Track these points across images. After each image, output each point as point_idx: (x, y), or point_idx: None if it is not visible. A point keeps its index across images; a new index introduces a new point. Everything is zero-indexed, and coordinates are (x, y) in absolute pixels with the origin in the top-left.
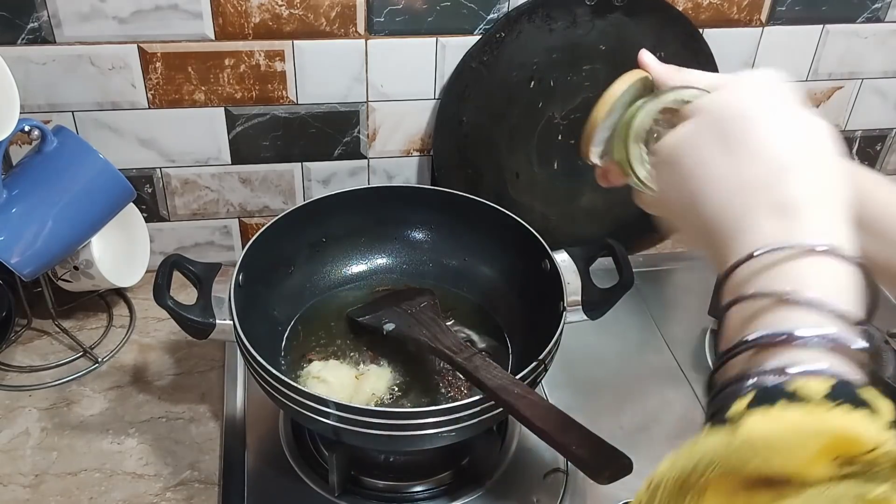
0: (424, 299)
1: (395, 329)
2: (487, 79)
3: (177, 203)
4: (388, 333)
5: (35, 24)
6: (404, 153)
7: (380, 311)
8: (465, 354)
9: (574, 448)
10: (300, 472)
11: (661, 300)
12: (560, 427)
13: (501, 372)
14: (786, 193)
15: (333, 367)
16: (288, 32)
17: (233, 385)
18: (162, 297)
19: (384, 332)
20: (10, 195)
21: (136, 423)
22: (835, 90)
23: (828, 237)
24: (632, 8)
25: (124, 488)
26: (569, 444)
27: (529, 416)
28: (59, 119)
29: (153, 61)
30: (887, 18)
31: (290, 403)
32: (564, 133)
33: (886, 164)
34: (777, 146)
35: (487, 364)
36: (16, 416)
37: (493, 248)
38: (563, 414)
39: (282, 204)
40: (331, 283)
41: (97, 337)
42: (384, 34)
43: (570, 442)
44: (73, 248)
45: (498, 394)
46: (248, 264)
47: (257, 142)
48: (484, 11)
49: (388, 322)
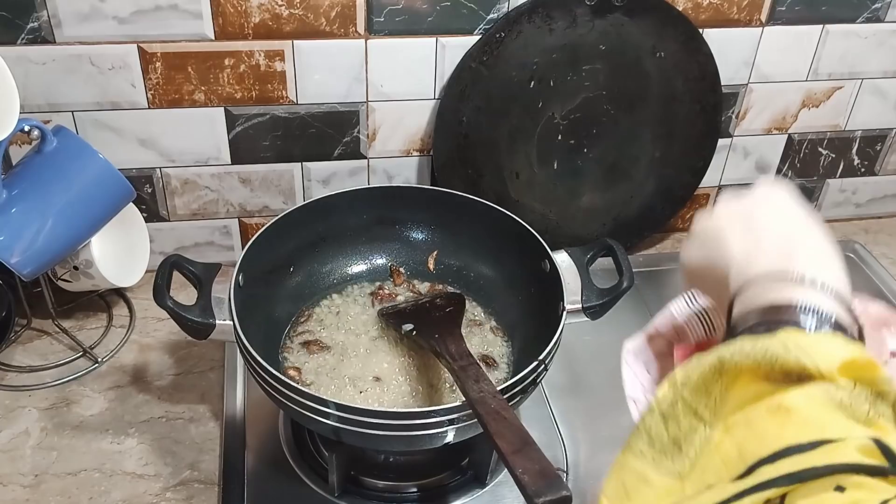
0: (452, 304)
1: (412, 329)
2: (487, 79)
3: (177, 203)
4: (406, 333)
5: (35, 24)
6: (404, 153)
7: (408, 313)
8: (462, 363)
9: (519, 472)
10: (300, 472)
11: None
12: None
13: (488, 386)
14: (792, 254)
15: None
16: (288, 32)
17: (233, 385)
18: (162, 297)
19: (403, 330)
20: (10, 195)
21: (135, 423)
22: (835, 90)
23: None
24: (632, 8)
25: (124, 488)
26: (515, 468)
27: (492, 432)
28: (58, 119)
29: (153, 61)
30: (887, 18)
31: (290, 403)
32: (564, 133)
33: (886, 164)
34: (783, 224)
35: (478, 375)
36: (16, 416)
37: (493, 248)
38: (526, 437)
39: (282, 204)
40: (331, 283)
41: (97, 337)
42: (384, 34)
43: (518, 465)
44: (73, 248)
45: (474, 405)
46: (248, 264)
47: (257, 142)
48: (484, 11)
49: (407, 322)
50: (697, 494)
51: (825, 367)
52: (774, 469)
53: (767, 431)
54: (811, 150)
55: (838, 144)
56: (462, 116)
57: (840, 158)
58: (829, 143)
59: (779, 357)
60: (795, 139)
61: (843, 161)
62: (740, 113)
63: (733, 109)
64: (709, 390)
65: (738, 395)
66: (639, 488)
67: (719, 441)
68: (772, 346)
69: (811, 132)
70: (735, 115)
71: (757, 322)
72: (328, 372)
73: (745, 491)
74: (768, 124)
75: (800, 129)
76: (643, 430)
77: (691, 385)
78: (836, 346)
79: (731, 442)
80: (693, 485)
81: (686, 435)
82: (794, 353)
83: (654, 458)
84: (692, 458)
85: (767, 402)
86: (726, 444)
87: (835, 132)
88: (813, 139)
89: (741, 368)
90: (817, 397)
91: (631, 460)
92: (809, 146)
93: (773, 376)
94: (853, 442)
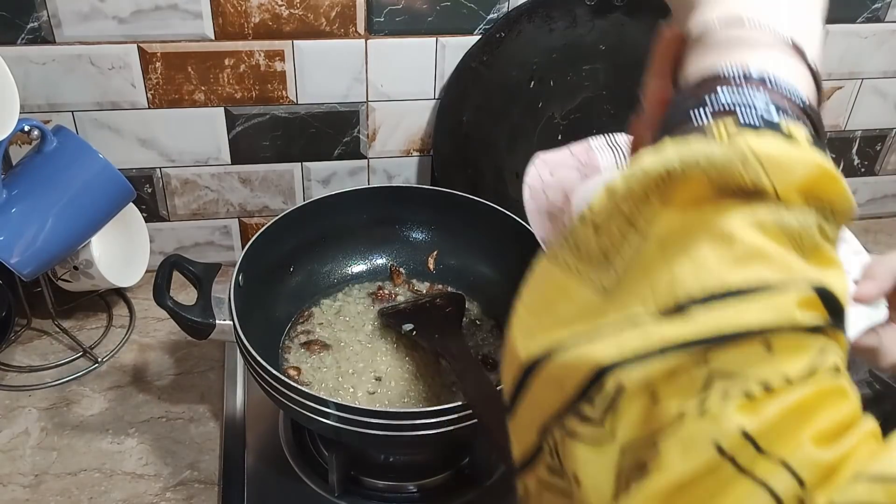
0: (451, 304)
1: (412, 329)
2: (487, 79)
3: (176, 203)
4: (406, 333)
5: (35, 24)
6: (404, 153)
7: (408, 313)
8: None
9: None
10: (300, 472)
11: None
12: None
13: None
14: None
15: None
16: (288, 32)
17: (232, 385)
18: (162, 297)
19: (403, 330)
20: (10, 195)
21: (135, 423)
22: (835, 90)
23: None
24: (632, 8)
25: (124, 488)
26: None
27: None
28: (58, 119)
29: (153, 61)
30: (887, 18)
31: (290, 403)
32: (564, 133)
33: (886, 164)
34: None
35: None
36: (16, 416)
37: (493, 248)
38: None
39: (282, 204)
40: (331, 283)
41: (97, 337)
42: (384, 34)
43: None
44: (73, 248)
45: (474, 405)
46: (248, 264)
47: (257, 142)
48: (484, 11)
49: (407, 322)
50: (617, 330)
51: (782, 186)
52: (706, 313)
53: (706, 263)
54: None
55: (838, 144)
56: (462, 116)
57: (840, 158)
58: (829, 143)
59: (735, 172)
60: None
61: (843, 161)
62: None
63: None
64: (648, 200)
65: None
66: (559, 302)
67: (651, 259)
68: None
69: None
70: None
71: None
72: (328, 372)
73: (669, 347)
74: None
75: None
76: (572, 241)
77: (631, 196)
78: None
79: (663, 264)
80: (616, 308)
81: (617, 245)
82: (754, 168)
83: (580, 269)
84: (620, 272)
85: (710, 224)
86: (658, 266)
87: (835, 132)
88: None
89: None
90: (766, 224)
91: (554, 271)
92: None
93: (722, 187)
94: (794, 294)
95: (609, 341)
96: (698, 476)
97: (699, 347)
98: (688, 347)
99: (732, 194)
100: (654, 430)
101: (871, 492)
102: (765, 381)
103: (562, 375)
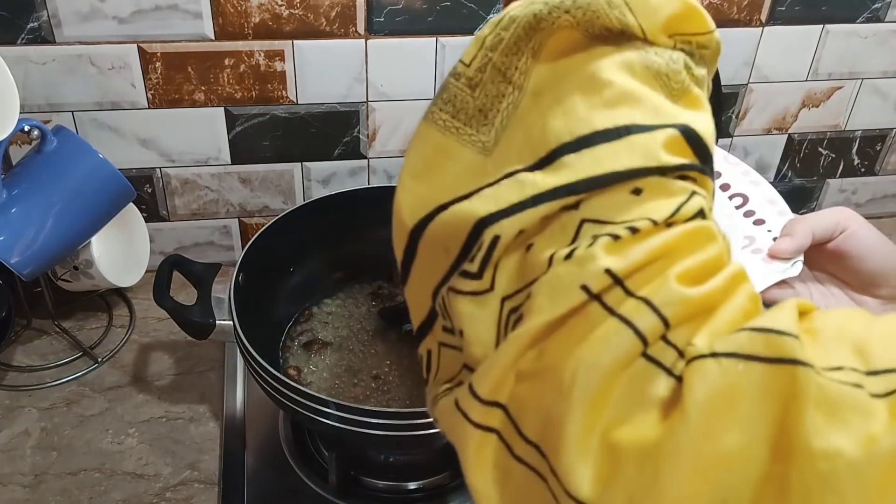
0: None
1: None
2: None
3: (176, 203)
4: (406, 333)
5: (35, 24)
6: (404, 153)
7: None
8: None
9: None
10: (300, 472)
11: None
12: None
13: None
14: None
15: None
16: (288, 32)
17: (232, 385)
18: (162, 297)
19: (403, 330)
20: (10, 195)
21: (135, 423)
22: (835, 90)
23: None
24: None
25: (124, 488)
26: None
27: None
28: (58, 119)
29: (153, 61)
30: (887, 18)
31: (290, 403)
32: None
33: (886, 164)
34: None
35: None
36: (16, 416)
37: None
38: None
39: (282, 204)
40: (331, 282)
41: (97, 337)
42: (384, 34)
43: None
44: (73, 248)
45: None
46: (248, 264)
47: (257, 142)
48: (484, 11)
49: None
50: (496, 186)
51: (648, 25)
52: (577, 158)
53: (576, 110)
54: (811, 150)
55: (838, 144)
56: None
57: (840, 158)
58: (829, 143)
59: (601, 12)
60: (795, 139)
61: (843, 161)
62: (740, 113)
63: (733, 109)
64: (520, 50)
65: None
66: (441, 163)
67: (526, 110)
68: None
69: (811, 132)
70: (735, 115)
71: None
72: (328, 372)
73: (541, 196)
74: (768, 124)
75: (800, 129)
76: (447, 99)
77: (503, 47)
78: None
79: (537, 113)
80: (496, 165)
81: (493, 101)
82: (619, 7)
83: (458, 128)
84: (498, 128)
85: (580, 71)
86: (532, 116)
87: (835, 132)
88: (813, 139)
89: (559, 25)
90: (635, 65)
91: (433, 133)
92: (809, 146)
93: (592, 33)
94: (660, 135)
95: (487, 196)
96: (566, 317)
97: (571, 195)
98: (559, 195)
99: (601, 39)
100: (528, 279)
101: (752, 340)
102: (631, 224)
103: (445, 235)
